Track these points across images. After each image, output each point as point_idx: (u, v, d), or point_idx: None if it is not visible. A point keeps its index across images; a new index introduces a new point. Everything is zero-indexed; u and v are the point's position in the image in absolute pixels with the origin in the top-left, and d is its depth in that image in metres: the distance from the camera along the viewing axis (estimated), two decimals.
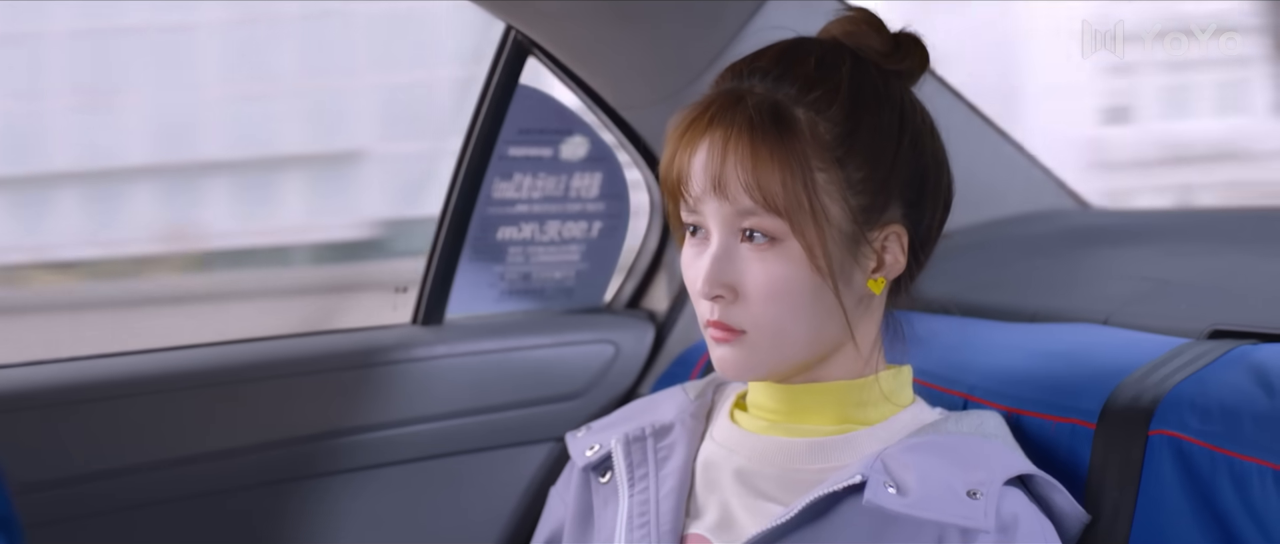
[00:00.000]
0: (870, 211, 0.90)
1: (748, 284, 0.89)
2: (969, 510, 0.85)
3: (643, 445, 1.02)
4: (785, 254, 0.88)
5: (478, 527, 1.62)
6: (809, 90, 0.89)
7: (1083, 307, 1.28)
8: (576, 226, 1.71)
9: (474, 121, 1.58)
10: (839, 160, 0.88)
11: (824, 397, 0.95)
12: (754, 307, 0.90)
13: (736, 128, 0.88)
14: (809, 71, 0.90)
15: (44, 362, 1.43)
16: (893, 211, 0.92)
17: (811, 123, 0.88)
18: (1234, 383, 0.96)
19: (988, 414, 0.98)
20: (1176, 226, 1.58)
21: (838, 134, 0.88)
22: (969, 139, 1.66)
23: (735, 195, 0.88)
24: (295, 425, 1.51)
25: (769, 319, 0.90)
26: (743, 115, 0.88)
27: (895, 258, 0.93)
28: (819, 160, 0.88)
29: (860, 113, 0.90)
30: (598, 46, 1.55)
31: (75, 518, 1.38)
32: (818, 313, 0.90)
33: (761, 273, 0.89)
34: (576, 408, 1.67)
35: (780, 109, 0.88)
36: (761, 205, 0.87)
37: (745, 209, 0.88)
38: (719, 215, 0.90)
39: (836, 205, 0.89)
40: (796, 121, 0.88)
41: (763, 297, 0.89)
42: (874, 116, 0.90)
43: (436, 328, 1.63)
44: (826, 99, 0.89)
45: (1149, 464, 0.94)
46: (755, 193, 0.87)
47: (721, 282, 0.90)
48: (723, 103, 0.90)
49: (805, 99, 0.89)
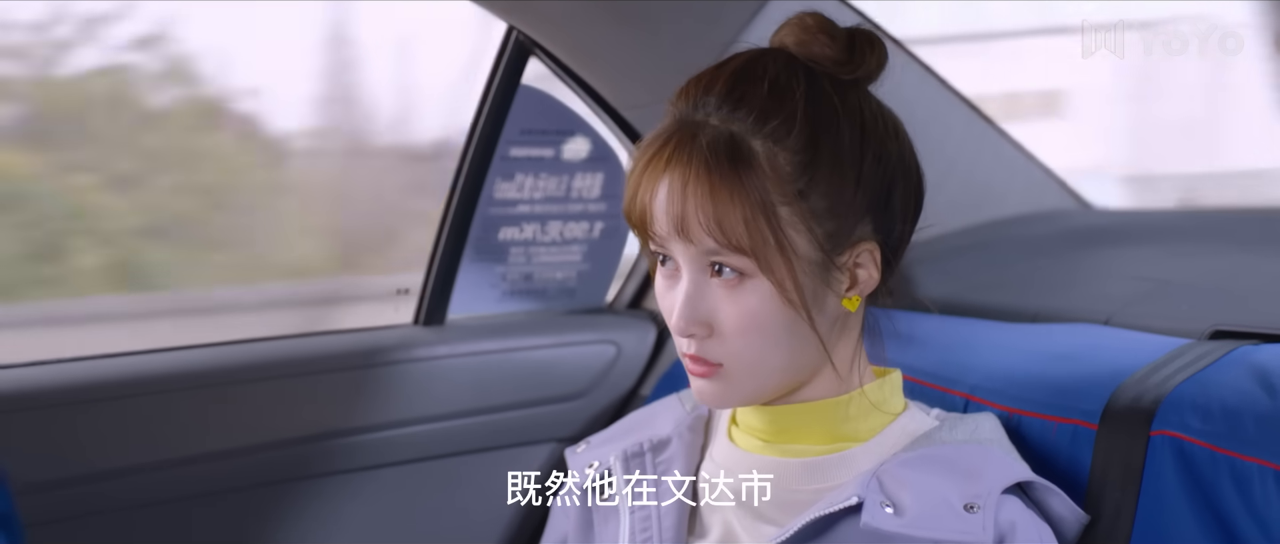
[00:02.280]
0: (837, 236, 0.88)
1: (721, 320, 0.88)
2: (966, 526, 0.84)
3: (641, 461, 1.01)
4: (756, 288, 0.87)
5: (479, 527, 1.62)
6: (765, 120, 0.85)
7: (1084, 307, 1.28)
8: (578, 227, 1.71)
9: (475, 122, 1.58)
10: (801, 193, 0.85)
11: (809, 417, 0.94)
12: (730, 341, 0.89)
13: (694, 168, 0.85)
14: (762, 98, 0.86)
15: (45, 362, 1.43)
16: (862, 229, 0.90)
17: (770, 155, 0.85)
18: (1235, 383, 0.96)
19: (983, 418, 0.98)
20: (1177, 227, 1.58)
21: (798, 163, 0.85)
22: (969, 139, 1.66)
23: (699, 237, 0.86)
24: (296, 426, 1.51)
25: (745, 352, 0.89)
26: (699, 155, 0.85)
27: (869, 273, 0.91)
28: (780, 194, 0.85)
29: (819, 138, 0.86)
30: (599, 47, 1.55)
31: (76, 518, 1.38)
32: (794, 342, 0.89)
33: (733, 309, 0.88)
34: (578, 408, 1.67)
35: (737, 143, 0.85)
36: (725, 246, 0.85)
37: (709, 249, 0.87)
38: (687, 254, 0.88)
39: (803, 237, 0.86)
40: (754, 156, 0.85)
41: (737, 331, 0.88)
42: (834, 138, 0.87)
43: (438, 328, 1.63)
44: (784, 128, 0.85)
45: (1150, 465, 0.94)
46: (718, 234, 0.85)
47: (695, 320, 0.88)
48: (679, 139, 0.86)
49: (762, 130, 0.85)
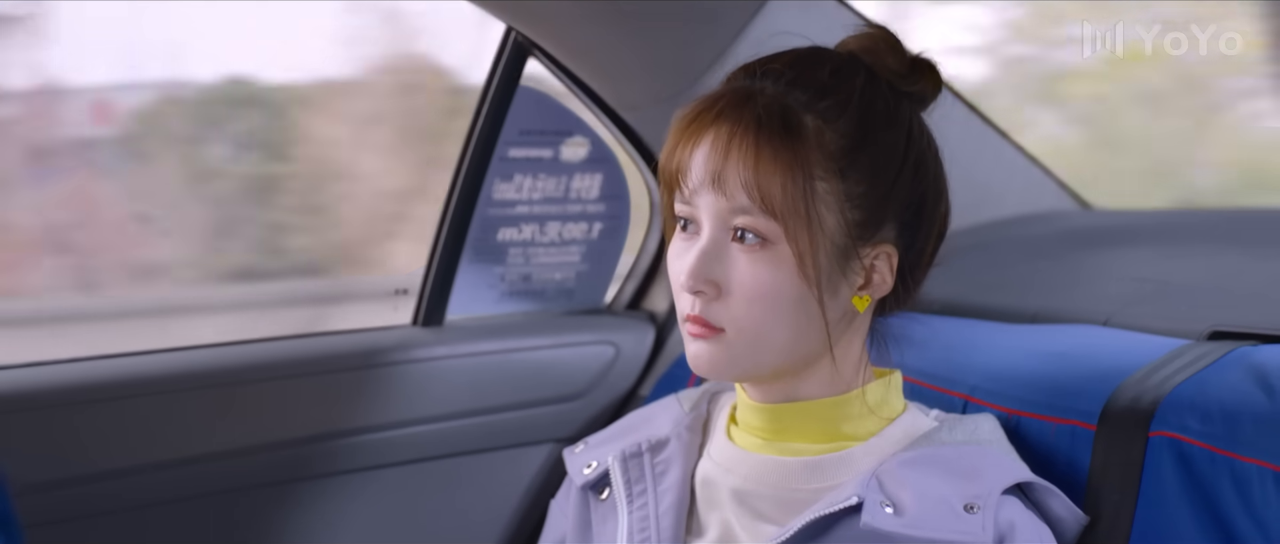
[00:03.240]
0: (865, 227, 0.89)
1: (732, 282, 0.89)
2: (966, 526, 0.85)
3: (639, 461, 1.01)
4: (774, 257, 0.87)
5: (478, 528, 1.62)
6: (820, 98, 0.88)
7: (1083, 308, 1.28)
8: (577, 228, 1.71)
9: (474, 122, 1.58)
10: (841, 172, 0.88)
11: (808, 416, 0.94)
12: (736, 306, 0.89)
13: (743, 125, 0.87)
14: (822, 79, 0.89)
15: (45, 362, 1.43)
16: (887, 231, 0.91)
17: (819, 130, 0.87)
18: (1234, 384, 0.96)
19: (982, 419, 0.98)
20: (1177, 227, 1.58)
21: (844, 146, 0.88)
22: (969, 139, 1.66)
23: (733, 192, 0.87)
24: (295, 426, 1.51)
25: (749, 320, 0.89)
26: (750, 113, 0.87)
27: (883, 277, 0.92)
28: (821, 169, 0.87)
29: (868, 128, 0.89)
30: (598, 47, 1.55)
31: (76, 518, 1.38)
32: (799, 321, 0.89)
33: (748, 273, 0.88)
34: (577, 409, 1.67)
35: (789, 112, 0.87)
36: (758, 206, 0.86)
37: (741, 207, 0.87)
38: (713, 210, 0.89)
39: (833, 216, 0.88)
40: (804, 127, 0.87)
41: (746, 297, 0.88)
42: (882, 134, 0.90)
43: (437, 329, 1.63)
44: (836, 109, 0.88)
45: (1149, 466, 0.94)
46: (754, 192, 0.86)
47: (706, 277, 0.89)
48: (732, 99, 0.89)
49: (815, 106, 0.88)
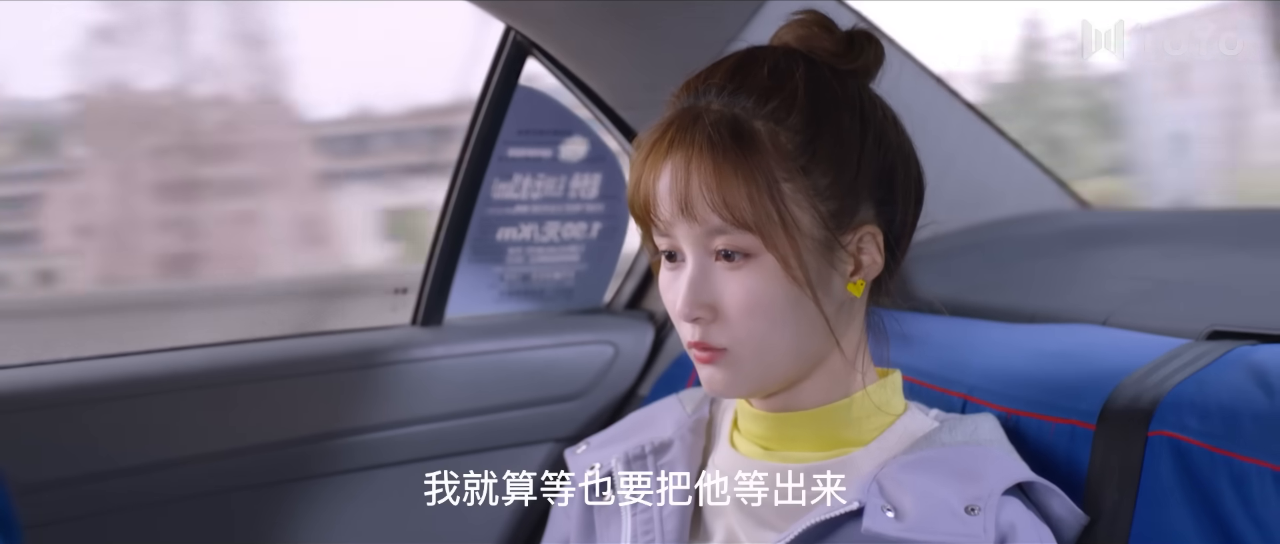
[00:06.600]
0: (841, 215, 0.89)
1: (726, 302, 0.89)
2: (967, 528, 0.85)
3: (643, 463, 1.01)
4: (760, 268, 0.87)
5: (477, 528, 1.62)
6: (765, 101, 0.88)
7: (1082, 307, 1.28)
8: (576, 227, 1.71)
9: (473, 122, 1.58)
10: (803, 168, 0.87)
11: (811, 424, 0.94)
12: (734, 324, 0.89)
13: (696, 148, 0.86)
14: (763, 81, 0.89)
15: (45, 362, 1.43)
16: (864, 212, 0.91)
17: (772, 134, 0.87)
18: (1233, 383, 0.96)
19: (982, 419, 0.98)
20: (1176, 227, 1.58)
21: (799, 142, 0.87)
22: (969, 139, 1.65)
23: (704, 216, 0.87)
24: (295, 426, 1.51)
25: (750, 335, 0.89)
26: (701, 134, 0.87)
27: (872, 258, 0.92)
28: (783, 171, 0.87)
29: (820, 117, 0.88)
30: (597, 47, 1.55)
31: (76, 518, 1.38)
32: (799, 324, 0.89)
33: (738, 289, 0.88)
34: (576, 409, 1.67)
35: (738, 124, 0.87)
36: (731, 222, 0.86)
37: (715, 228, 0.87)
38: (691, 237, 0.89)
39: (806, 214, 0.88)
40: (757, 134, 0.87)
41: (742, 313, 0.88)
42: (834, 119, 0.89)
43: (436, 329, 1.63)
44: (784, 108, 0.88)
45: (1148, 465, 0.94)
46: (723, 211, 0.86)
47: (700, 303, 0.89)
48: (680, 123, 0.89)
49: (763, 110, 0.88)
